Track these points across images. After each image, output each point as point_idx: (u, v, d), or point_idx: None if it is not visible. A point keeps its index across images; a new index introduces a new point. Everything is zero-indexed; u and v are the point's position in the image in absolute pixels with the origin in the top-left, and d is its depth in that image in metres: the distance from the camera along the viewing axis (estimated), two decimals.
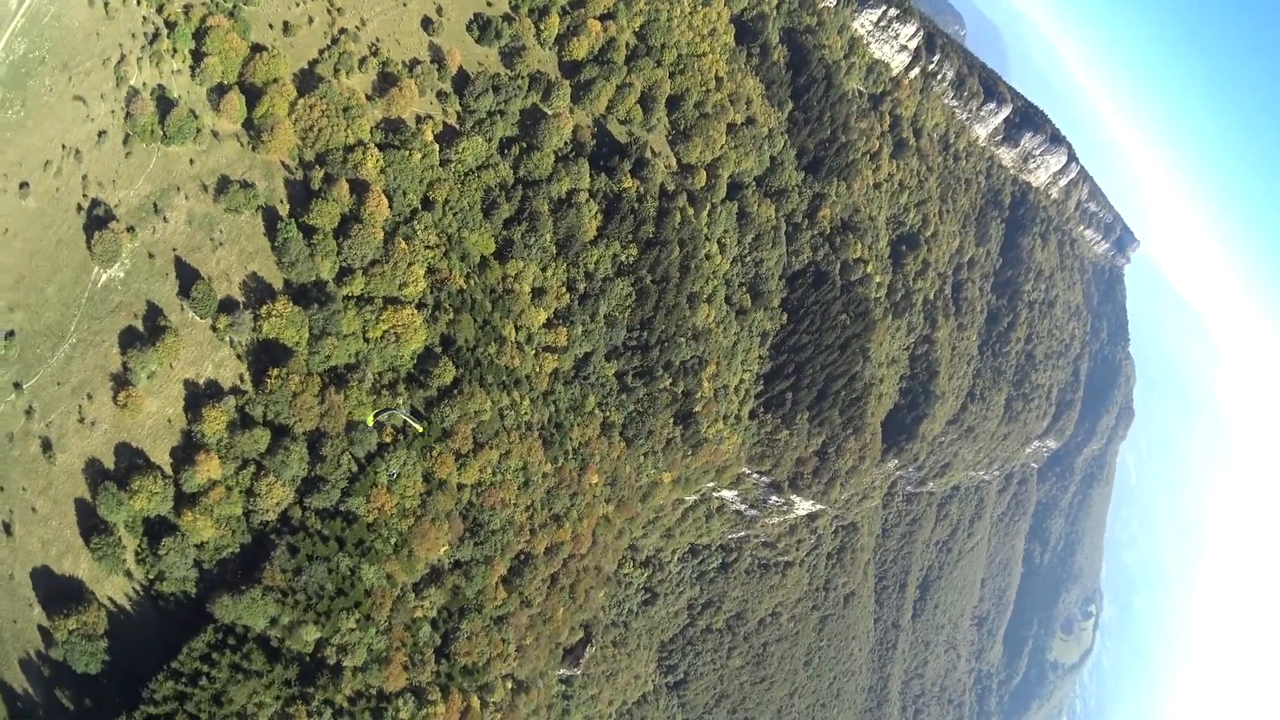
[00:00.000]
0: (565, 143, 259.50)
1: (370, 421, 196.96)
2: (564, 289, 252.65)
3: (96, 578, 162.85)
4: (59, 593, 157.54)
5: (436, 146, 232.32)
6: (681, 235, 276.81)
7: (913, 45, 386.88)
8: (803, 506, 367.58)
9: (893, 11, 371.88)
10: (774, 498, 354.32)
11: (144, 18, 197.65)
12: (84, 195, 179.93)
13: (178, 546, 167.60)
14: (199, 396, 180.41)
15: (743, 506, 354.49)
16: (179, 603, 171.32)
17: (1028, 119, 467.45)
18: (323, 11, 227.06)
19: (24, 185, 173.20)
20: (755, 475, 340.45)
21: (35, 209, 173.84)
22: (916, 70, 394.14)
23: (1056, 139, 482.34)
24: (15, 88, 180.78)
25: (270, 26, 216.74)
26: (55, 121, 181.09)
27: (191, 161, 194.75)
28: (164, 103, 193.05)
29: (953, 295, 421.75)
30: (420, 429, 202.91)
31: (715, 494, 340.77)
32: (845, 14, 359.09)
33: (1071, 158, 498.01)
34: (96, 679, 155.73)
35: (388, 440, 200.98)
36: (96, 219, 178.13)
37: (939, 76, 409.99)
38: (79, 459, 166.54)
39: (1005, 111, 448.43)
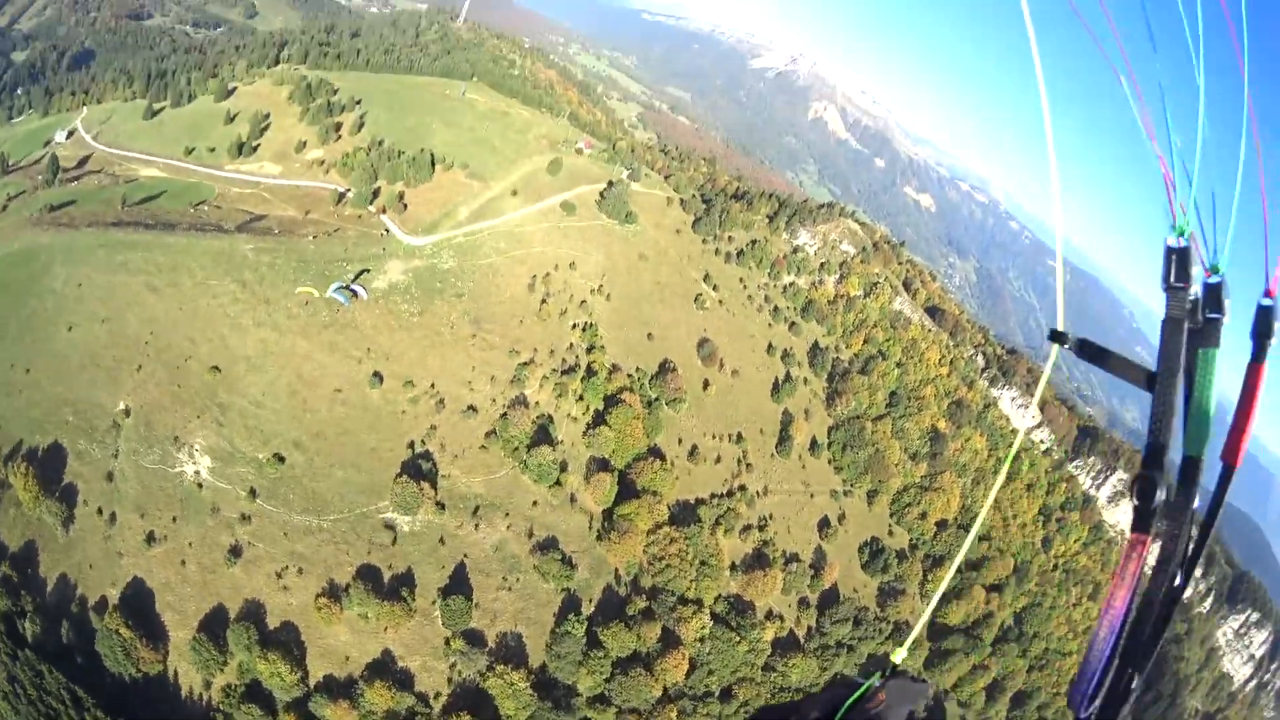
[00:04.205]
0: None
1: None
2: None
3: (180, 652, 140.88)
4: (136, 610, 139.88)
5: (769, 649, 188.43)
6: None
7: (1259, 654, 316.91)
8: None
9: (1254, 616, 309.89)
10: None
11: (571, 343, 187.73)
12: (420, 440, 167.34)
13: None
14: (383, 672, 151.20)
15: None
16: None
17: None
18: (733, 460, 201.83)
19: (377, 376, 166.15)
20: None
21: (374, 404, 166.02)
22: (1253, 683, 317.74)
23: None
24: (422, 291, 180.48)
25: (679, 441, 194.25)
26: (438, 356, 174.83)
27: (535, 504, 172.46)
28: (542, 433, 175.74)
29: None
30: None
31: None
32: (1212, 622, 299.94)
33: None
34: (100, 666, 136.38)
35: None
36: (416, 468, 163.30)
37: (1269, 688, 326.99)
38: (252, 589, 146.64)
39: None
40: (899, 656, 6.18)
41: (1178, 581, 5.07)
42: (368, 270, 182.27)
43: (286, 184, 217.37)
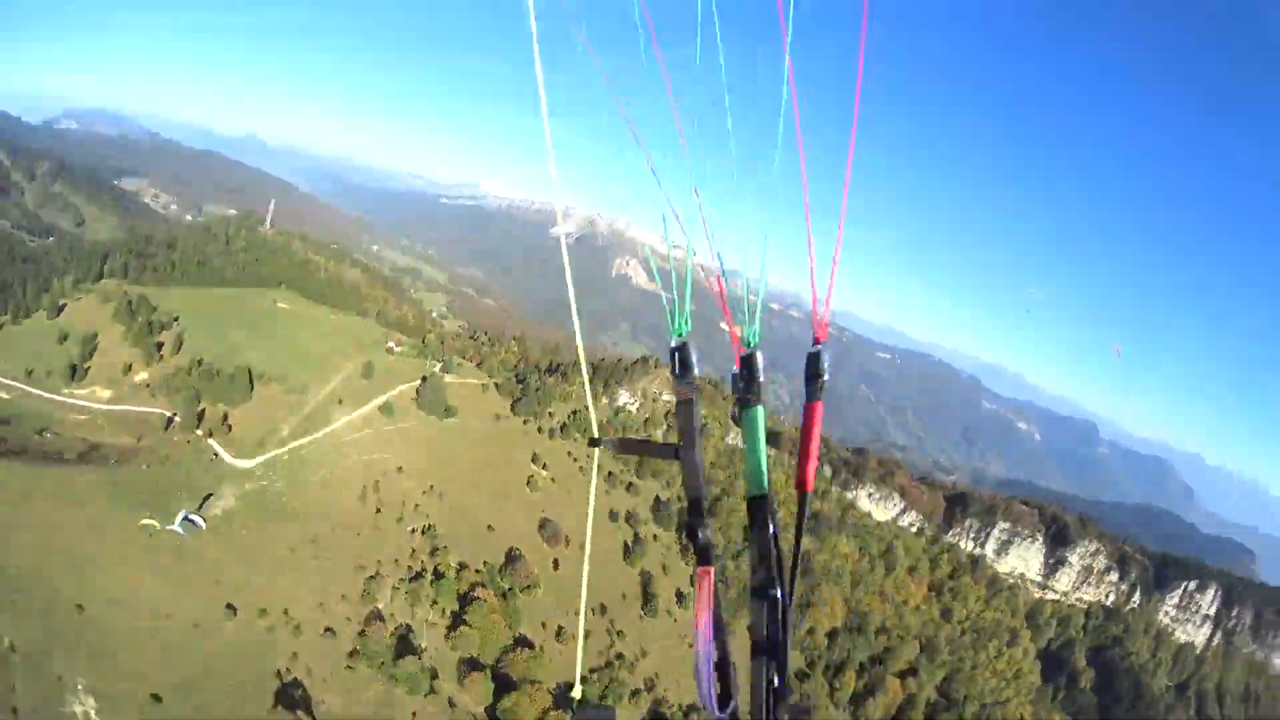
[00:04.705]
0: None
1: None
2: None
3: None
4: None
5: None
6: None
7: (1213, 610, 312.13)
8: None
9: (1191, 585, 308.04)
10: None
11: (413, 549, 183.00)
12: (288, 668, 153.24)
13: None
14: None
15: None
16: None
17: None
18: (603, 631, 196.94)
19: (230, 607, 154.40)
20: None
21: (232, 636, 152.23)
22: (1219, 636, 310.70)
23: None
24: (257, 515, 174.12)
25: (543, 625, 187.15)
26: (285, 580, 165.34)
27: (414, 715, 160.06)
28: (404, 643, 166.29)
29: None
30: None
31: None
32: (1149, 609, 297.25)
33: None
34: None
35: None
36: (289, 696, 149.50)
37: (1238, 628, 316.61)
38: None
39: None
40: (577, 693, 7.24)
41: (778, 594, 5.58)
42: (212, 494, 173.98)
43: (117, 410, 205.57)
